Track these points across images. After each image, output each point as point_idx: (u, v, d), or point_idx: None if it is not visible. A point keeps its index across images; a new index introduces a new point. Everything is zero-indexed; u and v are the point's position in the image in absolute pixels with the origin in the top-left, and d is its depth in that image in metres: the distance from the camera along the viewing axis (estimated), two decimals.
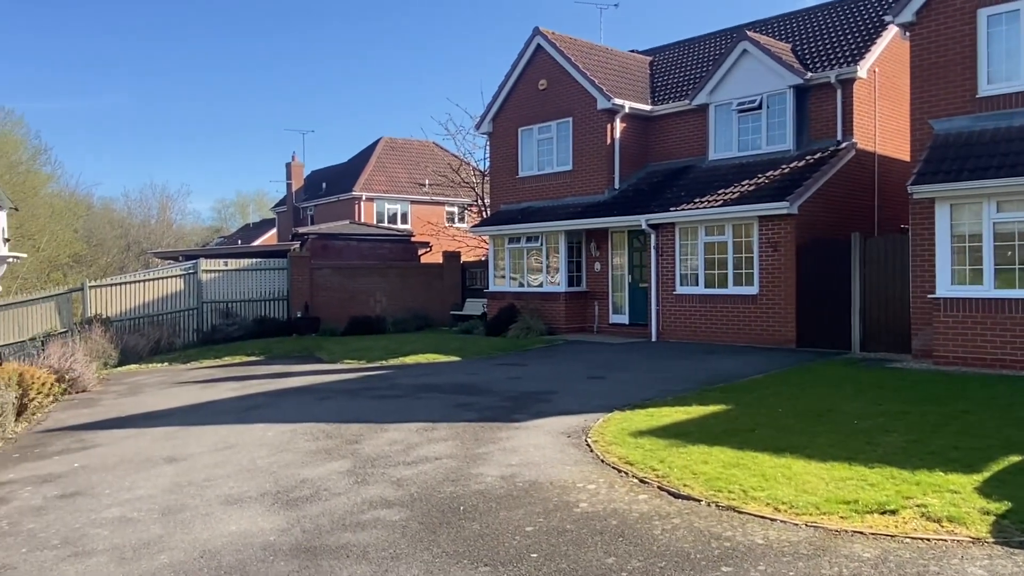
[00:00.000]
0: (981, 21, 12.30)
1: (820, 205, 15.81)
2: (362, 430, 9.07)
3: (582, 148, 20.38)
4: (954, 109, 12.54)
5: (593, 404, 10.04)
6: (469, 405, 10.46)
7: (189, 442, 8.93)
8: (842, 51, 17.52)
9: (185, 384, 14.35)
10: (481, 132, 23.65)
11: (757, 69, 17.72)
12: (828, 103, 17.00)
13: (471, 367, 14.64)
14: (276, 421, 9.92)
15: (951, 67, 12.59)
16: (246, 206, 74.78)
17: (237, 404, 11.59)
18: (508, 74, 22.14)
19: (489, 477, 6.78)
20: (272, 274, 23.89)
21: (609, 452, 7.41)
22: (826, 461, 6.65)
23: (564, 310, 19.87)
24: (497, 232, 21.56)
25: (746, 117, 18.09)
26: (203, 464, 7.79)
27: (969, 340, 11.69)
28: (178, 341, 21.32)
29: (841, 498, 5.66)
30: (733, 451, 7.14)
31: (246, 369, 16.15)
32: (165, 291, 22.15)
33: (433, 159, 37.07)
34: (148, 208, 59.60)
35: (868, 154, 17.00)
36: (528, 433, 8.51)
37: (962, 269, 11.87)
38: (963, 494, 5.64)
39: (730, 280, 16.50)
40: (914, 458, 6.63)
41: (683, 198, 17.40)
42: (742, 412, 9.00)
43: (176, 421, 10.39)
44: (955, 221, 11.91)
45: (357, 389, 12.46)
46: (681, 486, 6.20)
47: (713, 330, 16.69)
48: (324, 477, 7.04)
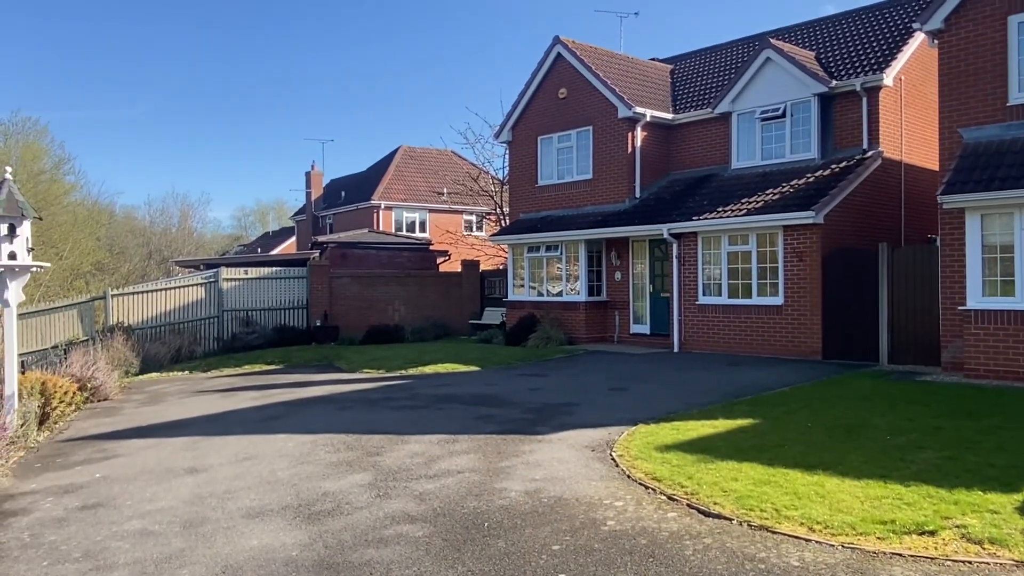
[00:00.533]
0: (1012, 28, 12.07)
1: (846, 214, 15.59)
2: (383, 441, 8.98)
3: (602, 157, 20.27)
4: (984, 118, 12.32)
5: (617, 417, 9.89)
6: (490, 417, 10.35)
7: (210, 453, 8.89)
8: (867, 59, 17.30)
9: (206, 393, 14.35)
10: (500, 141, 23.61)
11: (780, 77, 17.54)
12: (853, 111, 16.78)
13: (491, 377, 14.53)
14: (296, 432, 9.86)
15: (981, 75, 12.37)
16: (266, 214, 75.30)
17: (257, 414, 11.55)
18: (528, 83, 22.10)
19: (513, 492, 6.66)
20: (292, 283, 23.93)
21: (635, 467, 7.27)
22: (860, 479, 6.47)
23: (584, 319, 19.73)
24: (516, 241, 21.47)
25: (769, 125, 17.91)
26: (224, 475, 7.73)
27: (1001, 353, 11.43)
28: (199, 349, 21.38)
29: (877, 518, 5.49)
30: (763, 467, 6.97)
31: (266, 378, 16.15)
32: (186, 299, 22.25)
33: (452, 168, 37.12)
34: (169, 216, 60.17)
35: (895, 163, 16.75)
36: (551, 446, 8.38)
37: (993, 280, 11.62)
38: (1003, 514, 5.45)
39: (754, 290, 16.29)
40: (950, 476, 6.44)
41: (705, 207, 17.23)
42: (770, 426, 8.82)
43: (197, 431, 10.36)
44: (986, 231, 11.67)
45: (377, 399, 12.39)
46: (711, 504, 6.05)
47: (737, 341, 16.47)
48: (346, 490, 6.95)
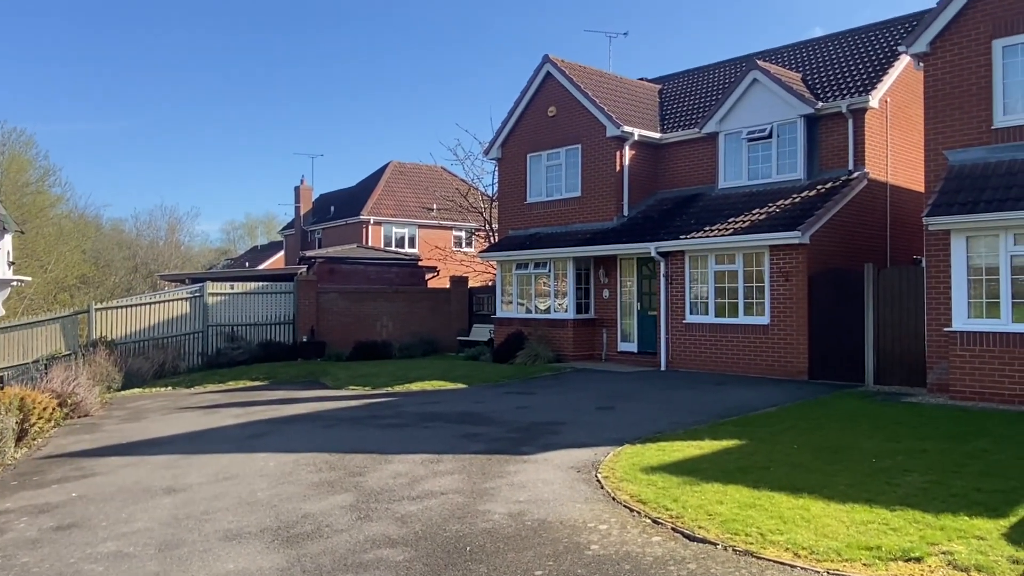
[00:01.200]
0: (996, 52, 12.20)
1: (832, 235, 15.65)
2: (366, 461, 8.87)
3: (591, 175, 20.31)
4: (969, 140, 12.41)
5: (603, 437, 9.82)
6: (476, 436, 10.26)
7: (189, 472, 8.75)
8: (853, 81, 17.45)
9: (188, 410, 14.18)
10: (490, 158, 23.63)
11: (767, 98, 17.66)
12: (839, 133, 16.90)
13: (478, 395, 14.44)
14: (279, 450, 9.73)
15: (966, 98, 12.48)
16: (255, 228, 75.05)
17: (240, 432, 11.40)
18: (517, 101, 22.16)
19: (496, 515, 6.57)
20: (278, 298, 23.78)
21: (620, 489, 7.20)
22: (845, 502, 6.43)
23: (572, 337, 19.68)
24: (505, 258, 21.44)
25: (756, 146, 18.00)
26: (203, 496, 7.60)
27: (987, 375, 11.44)
28: (182, 365, 21.18)
29: (863, 543, 5.44)
30: (749, 490, 6.91)
31: (250, 395, 15.98)
32: (170, 314, 22.06)
33: (441, 184, 37.13)
34: (157, 230, 59.75)
35: (880, 184, 16.86)
36: (537, 467, 8.30)
37: (979, 302, 11.66)
38: (990, 540, 5.41)
39: (741, 309, 16.31)
40: (936, 500, 6.40)
41: (693, 226, 17.27)
42: (756, 448, 8.77)
43: (177, 449, 10.21)
44: (971, 253, 11.72)
45: (362, 417, 12.27)
46: (696, 528, 5.99)
47: (723, 360, 16.46)
48: (326, 512, 6.83)
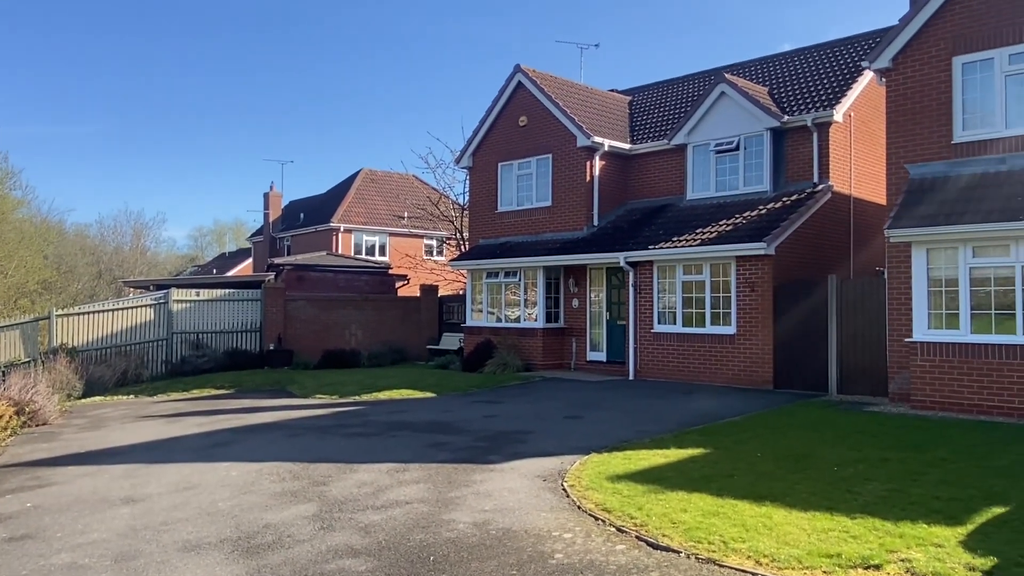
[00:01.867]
0: (956, 69, 12.49)
1: (797, 246, 15.87)
2: (331, 470, 8.78)
3: (561, 185, 20.40)
4: (930, 155, 12.68)
5: (570, 445, 9.83)
6: (443, 445, 10.20)
7: (149, 481, 8.58)
8: (819, 95, 17.76)
9: (150, 418, 13.92)
10: (461, 166, 23.63)
11: (735, 111, 17.89)
12: (805, 146, 17.17)
13: (446, 404, 14.37)
14: (242, 460, 9.59)
15: (927, 113, 12.75)
16: (223, 235, 74.17)
17: (202, 441, 11.22)
18: (489, 110, 22.20)
19: (461, 524, 6.53)
20: (245, 305, 23.50)
21: (586, 498, 7.20)
22: (807, 510, 6.49)
23: (542, 346, 19.69)
24: (475, 266, 21.42)
25: (724, 158, 18.22)
26: (162, 506, 7.45)
27: (946, 385, 11.66)
28: (146, 372, 20.80)
29: (824, 551, 5.49)
30: (712, 498, 6.95)
31: (214, 403, 15.74)
32: (134, 321, 21.68)
33: (413, 192, 37.04)
34: (122, 235, 58.80)
35: (844, 197, 17.15)
36: (503, 476, 8.27)
37: (939, 313, 11.89)
38: (947, 548, 5.49)
39: (708, 319, 16.45)
40: (896, 508, 6.49)
41: (661, 236, 17.40)
42: (721, 456, 8.83)
43: (137, 458, 10.01)
44: (931, 265, 11.95)
45: (328, 426, 12.14)
46: (660, 536, 6.00)
47: (691, 369, 16.58)
48: (288, 522, 6.74)
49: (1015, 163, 11.81)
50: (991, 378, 11.25)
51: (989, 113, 12.20)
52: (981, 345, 11.35)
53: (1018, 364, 11.01)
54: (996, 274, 11.35)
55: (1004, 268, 11.25)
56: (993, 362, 11.23)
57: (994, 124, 12.13)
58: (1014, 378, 11.06)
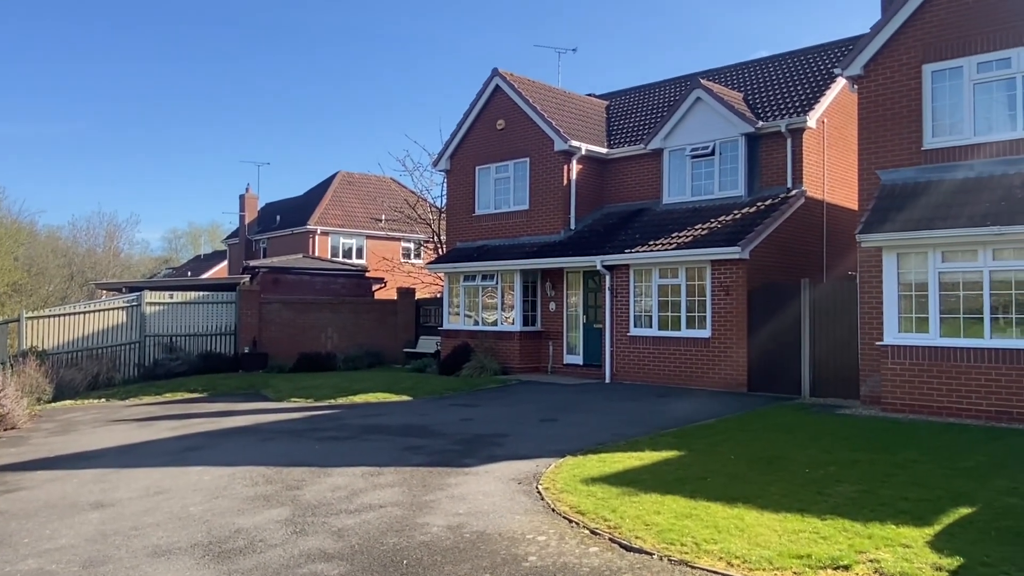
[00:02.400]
0: (926, 76, 12.70)
1: (771, 250, 16.03)
2: (304, 474, 8.72)
3: (539, 188, 20.45)
4: (900, 161, 12.87)
5: (545, 448, 9.85)
6: (418, 448, 10.18)
7: (119, 486, 8.47)
8: (792, 101, 17.97)
9: (121, 422, 13.75)
10: (439, 169, 23.60)
11: (710, 116, 18.05)
12: (779, 151, 17.36)
13: (422, 407, 14.34)
14: (214, 464, 9.50)
15: (897, 120, 12.95)
16: (198, 237, 73.42)
17: (174, 445, 11.10)
18: (466, 113, 22.21)
19: (435, 527, 6.52)
20: (220, 308, 23.29)
21: (560, 500, 7.22)
22: (778, 512, 6.55)
23: (519, 349, 19.71)
24: (453, 270, 21.40)
25: (699, 163, 18.37)
26: (132, 511, 7.36)
27: (916, 388, 11.83)
28: (118, 376, 20.55)
29: (794, 552, 5.55)
30: (686, 500, 7.00)
31: (187, 407, 15.58)
32: (106, 323, 21.40)
33: (390, 194, 36.92)
34: (94, 237, 57.89)
35: (817, 202, 17.36)
36: (478, 479, 8.27)
37: (909, 317, 12.06)
38: (915, 548, 5.57)
39: (683, 323, 16.56)
40: (865, 509, 6.58)
41: (638, 240, 17.50)
42: (694, 458, 8.90)
43: (108, 463, 9.88)
44: (902, 270, 12.13)
45: (302, 430, 12.06)
46: (633, 538, 6.03)
47: (666, 372, 16.68)
48: (260, 526, 6.69)
49: (983, 170, 12.02)
50: (960, 381, 11.44)
51: (958, 121, 12.41)
52: (950, 348, 11.53)
53: (986, 367, 11.21)
54: (965, 279, 11.54)
55: (972, 273, 11.45)
56: (961, 365, 11.41)
57: (963, 131, 12.34)
58: (982, 381, 11.25)
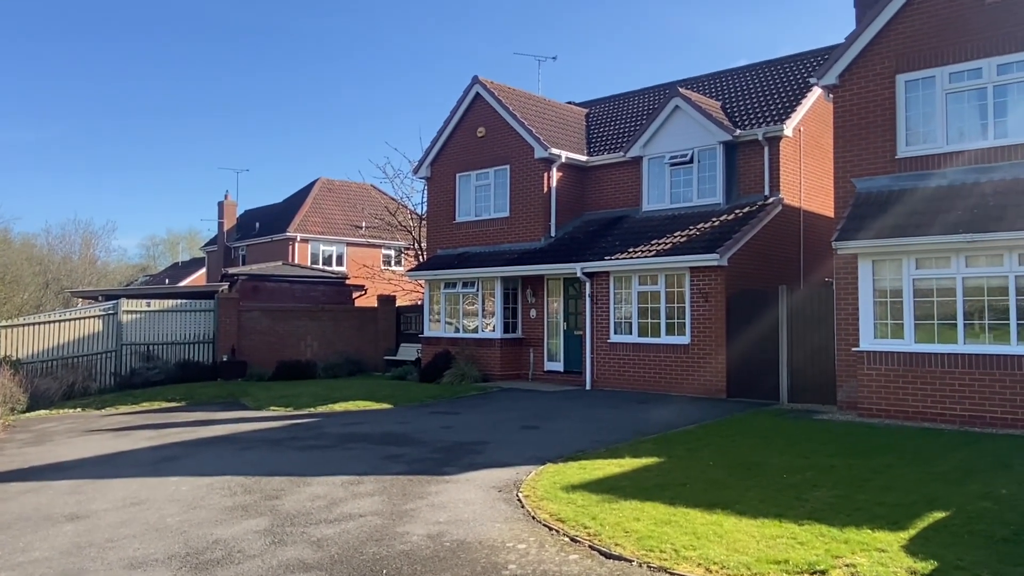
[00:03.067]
0: (900, 86, 12.90)
1: (749, 257, 16.18)
2: (283, 484, 8.66)
3: (519, 195, 20.49)
4: (875, 169, 13.05)
5: (526, 456, 9.86)
6: (398, 456, 10.14)
7: (95, 497, 8.37)
8: (769, 110, 18.17)
9: (97, 432, 13.58)
10: (419, 176, 23.60)
11: (688, 125, 18.20)
12: (756, 159, 17.54)
13: (403, 415, 14.29)
14: (192, 474, 9.41)
15: (872, 129, 13.14)
16: (177, 244, 72.81)
17: (151, 455, 10.98)
18: (447, 120, 22.23)
19: (415, 536, 6.50)
20: (198, 316, 23.09)
21: (540, 508, 7.23)
22: (756, 518, 6.61)
23: (499, 357, 19.71)
24: (433, 277, 21.37)
25: (678, 170, 18.51)
26: (108, 522, 7.28)
27: (892, 393, 11.98)
28: (94, 385, 20.28)
29: (772, 558, 5.60)
30: (665, 507, 7.04)
31: (165, 416, 15.42)
32: (82, 332, 21.14)
33: (371, 202, 36.81)
34: (70, 244, 57.23)
35: (794, 209, 17.55)
36: (458, 487, 8.26)
37: (884, 323, 12.21)
38: (890, 553, 5.64)
39: (663, 329, 16.65)
40: (842, 514, 6.64)
41: (617, 247, 17.59)
42: (674, 465, 8.94)
43: (83, 473, 9.76)
44: (877, 277, 12.28)
45: (281, 439, 11.98)
46: (613, 545, 6.05)
47: (646, 379, 16.75)
48: (239, 537, 6.63)
49: (956, 178, 12.22)
50: (934, 386, 11.59)
51: (931, 130, 12.62)
52: (925, 354, 11.69)
53: (959, 372, 11.37)
54: (939, 285, 11.71)
55: (946, 280, 11.63)
56: (936, 370, 11.58)
57: (936, 140, 12.55)
58: (956, 386, 11.41)
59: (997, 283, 11.21)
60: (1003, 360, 11.03)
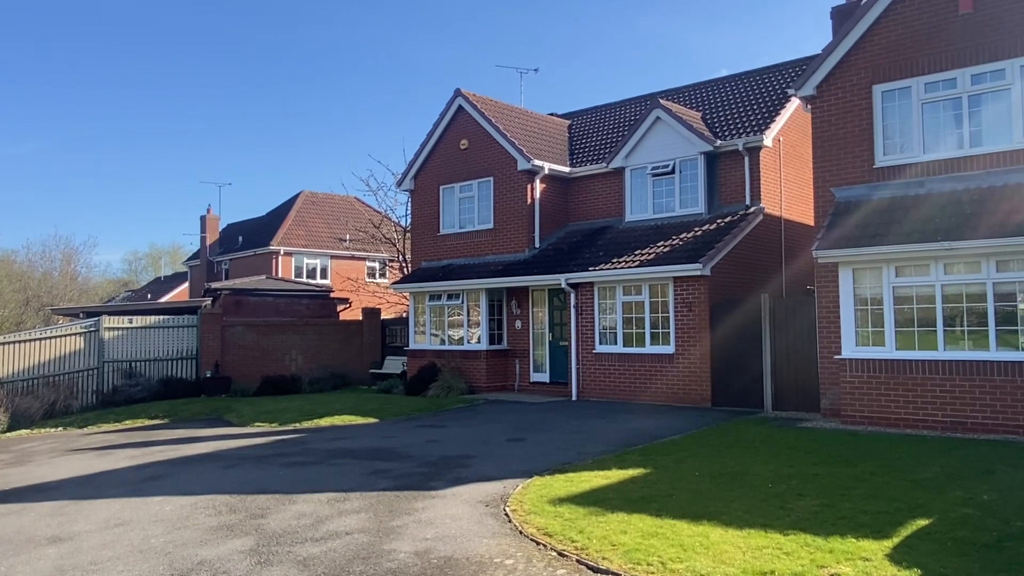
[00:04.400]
0: (876, 97, 13.09)
1: (731, 266, 16.29)
2: (269, 502, 8.61)
3: (503, 207, 20.55)
4: (854, 178, 13.21)
5: (512, 469, 9.86)
6: (385, 472, 10.11)
7: (78, 519, 8.28)
8: (749, 120, 18.35)
9: (80, 451, 13.44)
10: (403, 189, 23.60)
11: (670, 135, 18.35)
12: (737, 169, 17.70)
13: (389, 429, 14.25)
14: (176, 493, 9.33)
15: (850, 139, 13.31)
16: (159, 259, 72.21)
17: (135, 474, 10.88)
18: (430, 133, 22.27)
19: (402, 553, 6.49)
20: (181, 332, 22.92)
21: (528, 522, 7.23)
22: (742, 528, 6.64)
23: (485, 368, 19.70)
24: (418, 289, 21.36)
25: (660, 181, 18.64)
26: (91, 544, 7.20)
27: (874, 400, 12.09)
28: (75, 404, 20.07)
29: (758, 568, 5.63)
30: (652, 519, 7.06)
31: (148, 434, 15.29)
32: (63, 350, 20.92)
33: (354, 214, 36.75)
34: (51, 260, 56.46)
35: (775, 218, 17.71)
36: (445, 502, 8.25)
37: (865, 331, 12.34)
38: (875, 561, 5.69)
39: (647, 339, 16.72)
40: (827, 523, 6.69)
41: (601, 258, 17.66)
42: (660, 476, 8.97)
43: (65, 494, 9.65)
44: (858, 285, 12.41)
45: (267, 455, 11.91)
46: (600, 559, 6.07)
47: (632, 389, 16.80)
48: (224, 557, 6.59)
49: (933, 186, 12.39)
50: (916, 393, 11.72)
51: (908, 139, 12.80)
52: (905, 361, 11.81)
53: (940, 379, 11.50)
54: (918, 292, 11.86)
55: (925, 287, 11.77)
56: (917, 377, 11.70)
57: (913, 149, 12.72)
58: (937, 392, 11.54)
59: (975, 290, 11.36)
60: (982, 366, 11.17)
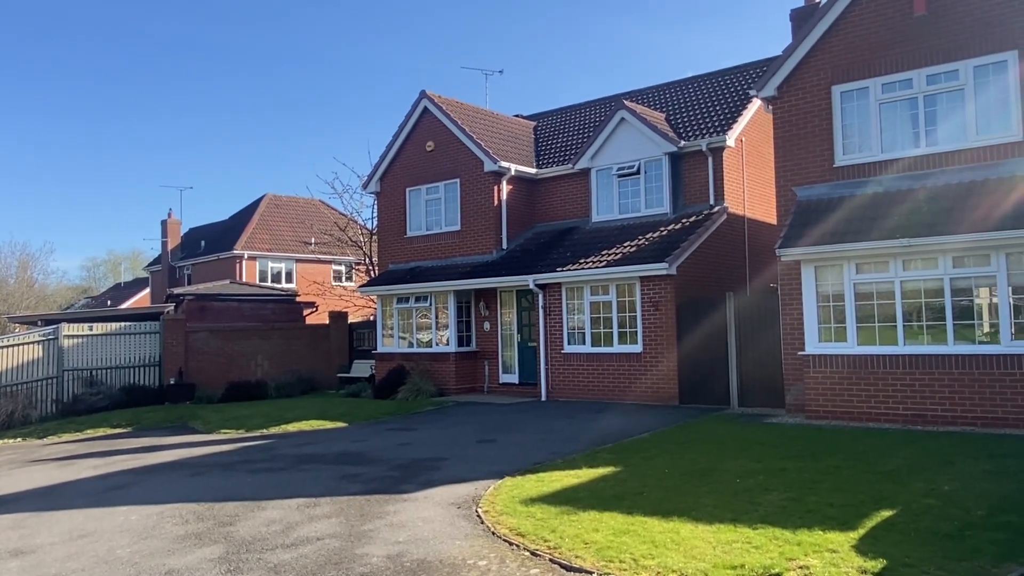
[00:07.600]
0: (835, 97, 13.34)
1: (697, 265, 16.49)
2: (237, 509, 8.50)
3: (470, 209, 20.54)
4: (814, 178, 13.45)
5: (483, 470, 9.86)
6: (355, 476, 10.05)
7: (40, 531, 8.10)
8: (712, 121, 18.58)
9: (40, 462, 13.14)
10: (369, 191, 23.47)
11: (634, 136, 18.51)
12: (700, 170, 17.91)
13: (358, 433, 14.16)
14: (141, 502, 9.17)
15: (810, 139, 13.55)
16: (119, 265, 70.71)
17: (98, 484, 10.67)
18: (396, 135, 22.18)
19: (375, 558, 6.45)
20: (143, 338, 22.52)
21: (500, 523, 7.24)
22: (712, 523, 6.73)
23: (454, 370, 19.67)
24: (386, 292, 21.25)
25: (626, 181, 18.79)
26: (55, 557, 7.05)
27: (838, 395, 12.32)
28: (34, 413, 19.61)
29: (728, 563, 5.71)
30: (623, 516, 7.12)
31: (111, 443, 14.99)
32: (20, 359, 20.43)
33: (320, 217, 36.44)
34: (6, 267, 55.11)
35: (739, 217, 17.95)
36: (417, 505, 8.22)
37: (828, 327, 12.57)
38: (841, 553, 5.80)
39: (615, 338, 16.84)
40: (794, 517, 6.80)
41: (568, 259, 17.75)
42: (630, 474, 9.05)
43: (26, 506, 9.43)
44: (820, 282, 12.64)
45: (234, 462, 11.76)
46: (573, 557, 6.10)
47: (601, 388, 16.90)
48: (192, 567, 6.49)
49: (891, 185, 12.67)
50: (877, 387, 11.97)
51: (867, 139, 13.07)
52: (867, 356, 12.06)
53: (900, 373, 11.76)
54: (878, 289, 12.11)
55: (884, 283, 12.03)
56: (879, 372, 11.95)
57: (871, 149, 12.99)
58: (898, 386, 11.79)
59: (933, 285, 11.64)
60: (941, 359, 11.45)
